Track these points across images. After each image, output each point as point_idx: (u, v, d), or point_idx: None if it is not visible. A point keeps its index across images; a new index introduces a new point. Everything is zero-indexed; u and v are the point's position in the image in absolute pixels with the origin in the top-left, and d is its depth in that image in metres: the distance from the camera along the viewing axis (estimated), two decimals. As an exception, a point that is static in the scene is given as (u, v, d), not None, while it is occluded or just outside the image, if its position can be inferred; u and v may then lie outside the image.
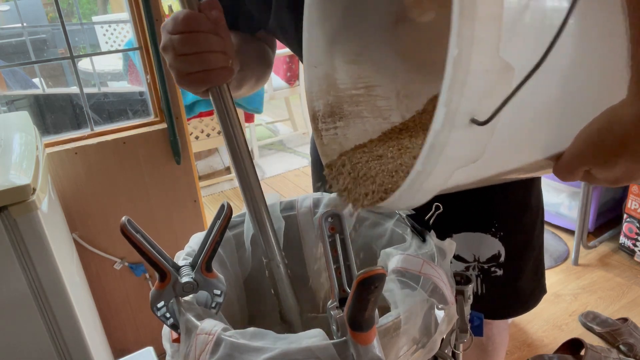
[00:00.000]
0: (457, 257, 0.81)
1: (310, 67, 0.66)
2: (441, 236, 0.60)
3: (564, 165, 0.47)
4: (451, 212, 0.63)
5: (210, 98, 0.58)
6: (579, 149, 0.45)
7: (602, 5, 0.44)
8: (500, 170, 0.49)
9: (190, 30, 0.53)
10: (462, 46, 0.36)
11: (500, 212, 0.80)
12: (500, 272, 0.82)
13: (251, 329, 0.45)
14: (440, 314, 0.50)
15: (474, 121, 0.38)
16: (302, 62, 0.73)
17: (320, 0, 0.63)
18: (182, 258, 0.57)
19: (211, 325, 0.46)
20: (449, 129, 0.38)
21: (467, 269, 0.82)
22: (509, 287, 0.84)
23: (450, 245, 0.58)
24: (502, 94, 0.37)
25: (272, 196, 0.70)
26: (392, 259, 0.55)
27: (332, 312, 0.44)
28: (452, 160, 0.41)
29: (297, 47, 0.71)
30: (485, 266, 0.82)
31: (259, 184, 0.61)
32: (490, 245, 0.81)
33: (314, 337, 0.44)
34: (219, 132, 2.64)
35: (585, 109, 0.45)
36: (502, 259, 0.81)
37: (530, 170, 0.53)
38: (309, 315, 0.70)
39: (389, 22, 0.69)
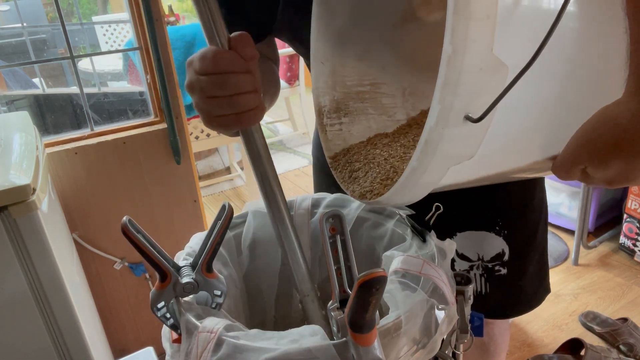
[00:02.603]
0: (461, 256, 0.82)
1: (317, 63, 0.66)
2: (445, 235, 0.60)
3: (560, 164, 0.47)
4: (455, 211, 0.63)
5: (242, 139, 0.55)
6: (575, 147, 0.45)
7: (601, 4, 0.44)
8: (497, 170, 0.50)
9: (221, 72, 0.48)
10: (456, 45, 0.36)
11: (503, 210, 0.80)
12: (504, 271, 0.82)
13: (253, 330, 0.45)
14: (440, 314, 0.50)
15: (467, 118, 0.39)
16: (306, 62, 0.72)
17: None
18: (182, 258, 0.57)
19: (213, 324, 0.46)
20: (443, 126, 0.39)
21: (471, 267, 0.82)
22: (513, 286, 0.84)
23: (451, 245, 0.58)
24: (495, 92, 0.38)
25: None
26: (393, 261, 0.56)
27: (332, 313, 0.44)
28: (447, 156, 0.41)
29: (304, 45, 0.70)
30: (490, 265, 0.82)
31: (293, 224, 0.59)
32: (494, 244, 0.81)
33: (314, 337, 0.44)
34: (219, 132, 2.63)
35: (582, 108, 0.45)
36: (506, 257, 0.81)
37: (529, 171, 0.53)
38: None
39: (396, 20, 0.69)
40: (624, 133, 0.42)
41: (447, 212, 0.61)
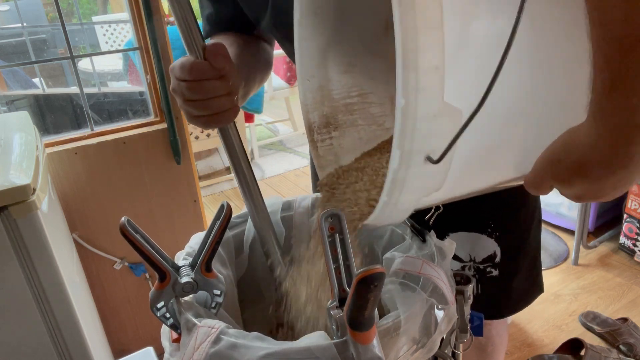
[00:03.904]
0: (453, 256, 0.82)
1: (304, 80, 0.67)
2: (438, 235, 0.60)
3: (530, 181, 0.49)
4: (448, 212, 0.64)
5: (219, 134, 0.62)
6: (541, 166, 0.47)
7: (565, 30, 0.45)
8: (471, 189, 0.51)
9: (196, 79, 0.55)
10: (408, 97, 0.38)
11: (496, 212, 0.80)
12: (495, 273, 0.82)
13: (253, 333, 0.45)
14: (440, 313, 0.50)
15: (428, 159, 0.41)
16: (292, 60, 0.73)
17: (310, 16, 0.64)
18: (182, 258, 0.57)
19: (214, 322, 0.46)
20: (406, 167, 0.41)
21: (462, 268, 0.82)
22: (504, 287, 0.84)
23: (450, 245, 0.58)
24: (451, 134, 0.40)
25: (274, 202, 0.70)
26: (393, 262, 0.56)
27: (331, 312, 0.44)
28: (415, 190, 0.43)
29: (291, 47, 0.71)
30: (481, 266, 0.82)
31: (268, 216, 0.67)
32: (486, 246, 0.81)
33: (314, 337, 0.44)
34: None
35: (550, 131, 0.46)
36: (497, 259, 0.81)
37: (505, 184, 0.54)
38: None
39: (379, 29, 0.69)
40: (584, 158, 0.43)
41: (440, 213, 0.61)
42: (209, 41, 0.58)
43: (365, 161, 0.65)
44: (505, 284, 0.84)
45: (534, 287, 0.89)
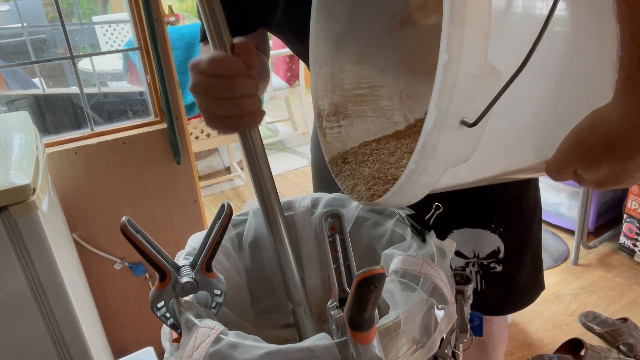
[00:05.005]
0: (457, 253, 0.82)
1: (316, 67, 0.67)
2: (441, 232, 0.60)
3: (553, 165, 0.48)
4: (451, 208, 0.64)
5: (239, 140, 0.57)
6: (566, 148, 0.47)
7: (594, 11, 0.45)
8: (493, 172, 0.51)
9: (228, 75, 0.51)
10: (452, 53, 0.38)
11: (499, 208, 0.81)
12: (499, 268, 0.82)
13: (252, 337, 0.45)
14: (440, 313, 0.50)
15: (463, 122, 0.40)
16: (302, 59, 0.73)
17: (327, 2, 0.64)
18: (182, 258, 0.57)
19: (214, 323, 0.46)
20: (440, 130, 0.40)
21: (466, 264, 0.82)
22: (508, 283, 0.85)
23: (450, 245, 0.58)
24: (489, 97, 0.39)
25: None
26: (392, 260, 0.56)
27: (332, 312, 0.44)
28: (443, 159, 0.43)
29: (302, 45, 0.71)
30: (485, 262, 0.82)
31: (285, 229, 0.60)
32: (490, 242, 0.81)
33: (315, 337, 0.44)
34: (219, 132, 2.63)
35: (574, 112, 0.46)
36: (501, 255, 0.82)
37: (525, 172, 0.54)
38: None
39: (393, 24, 0.69)
40: (612, 135, 0.43)
41: (444, 209, 0.61)
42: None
43: (379, 144, 0.66)
44: (510, 280, 0.84)
45: (537, 284, 0.90)
